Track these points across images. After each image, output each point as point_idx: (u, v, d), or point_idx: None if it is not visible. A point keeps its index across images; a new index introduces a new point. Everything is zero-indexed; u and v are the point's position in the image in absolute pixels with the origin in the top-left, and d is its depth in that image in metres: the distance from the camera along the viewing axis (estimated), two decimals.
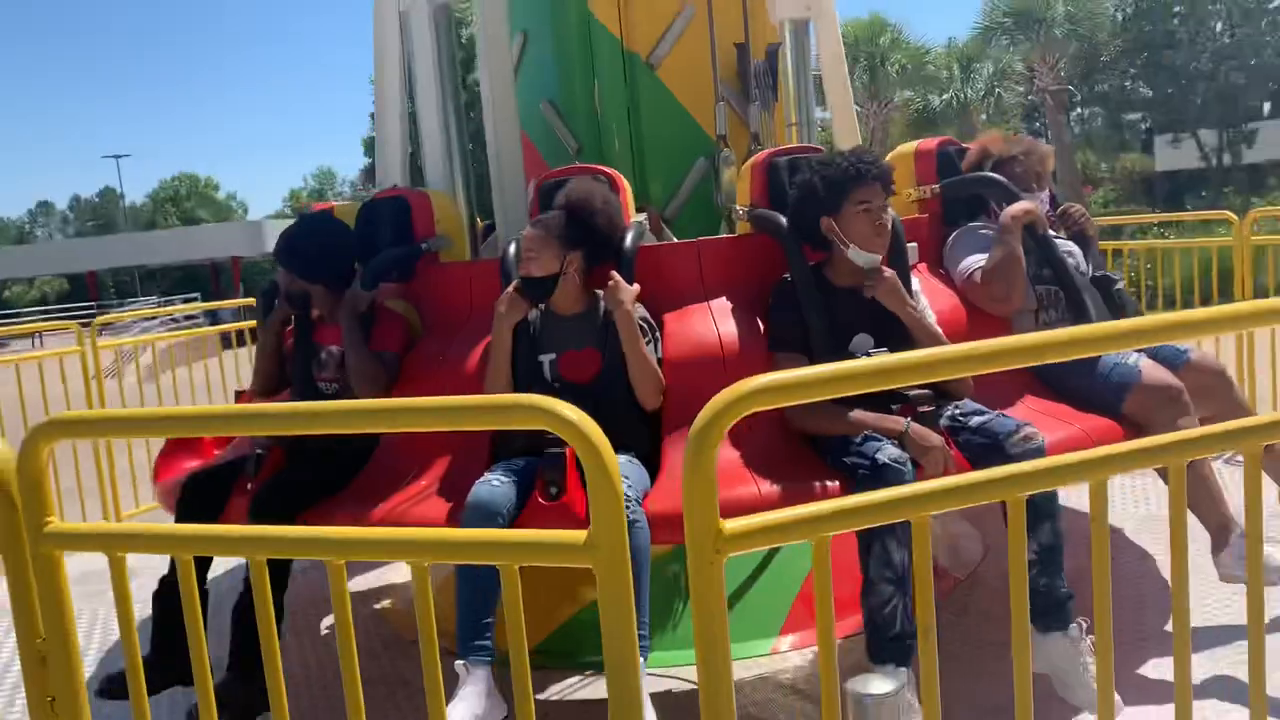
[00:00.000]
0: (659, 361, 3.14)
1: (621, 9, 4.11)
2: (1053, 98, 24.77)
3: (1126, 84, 32.22)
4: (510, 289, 3.16)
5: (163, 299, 37.64)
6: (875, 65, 26.37)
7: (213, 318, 18.66)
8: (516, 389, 3.15)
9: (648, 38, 4.14)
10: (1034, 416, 3.13)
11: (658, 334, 3.21)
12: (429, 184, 4.07)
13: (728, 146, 4.14)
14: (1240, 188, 25.94)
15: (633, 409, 3.11)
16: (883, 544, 2.73)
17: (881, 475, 2.71)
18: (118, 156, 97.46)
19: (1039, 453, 2.82)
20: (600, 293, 3.24)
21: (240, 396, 4.20)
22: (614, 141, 4.17)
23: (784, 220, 3.27)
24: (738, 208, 3.57)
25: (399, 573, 4.74)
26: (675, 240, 3.95)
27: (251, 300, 7.83)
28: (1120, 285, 3.61)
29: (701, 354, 3.17)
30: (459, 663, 2.74)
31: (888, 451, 2.79)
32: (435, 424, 1.37)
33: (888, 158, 3.75)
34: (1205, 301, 6.29)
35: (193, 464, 3.99)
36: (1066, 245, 3.65)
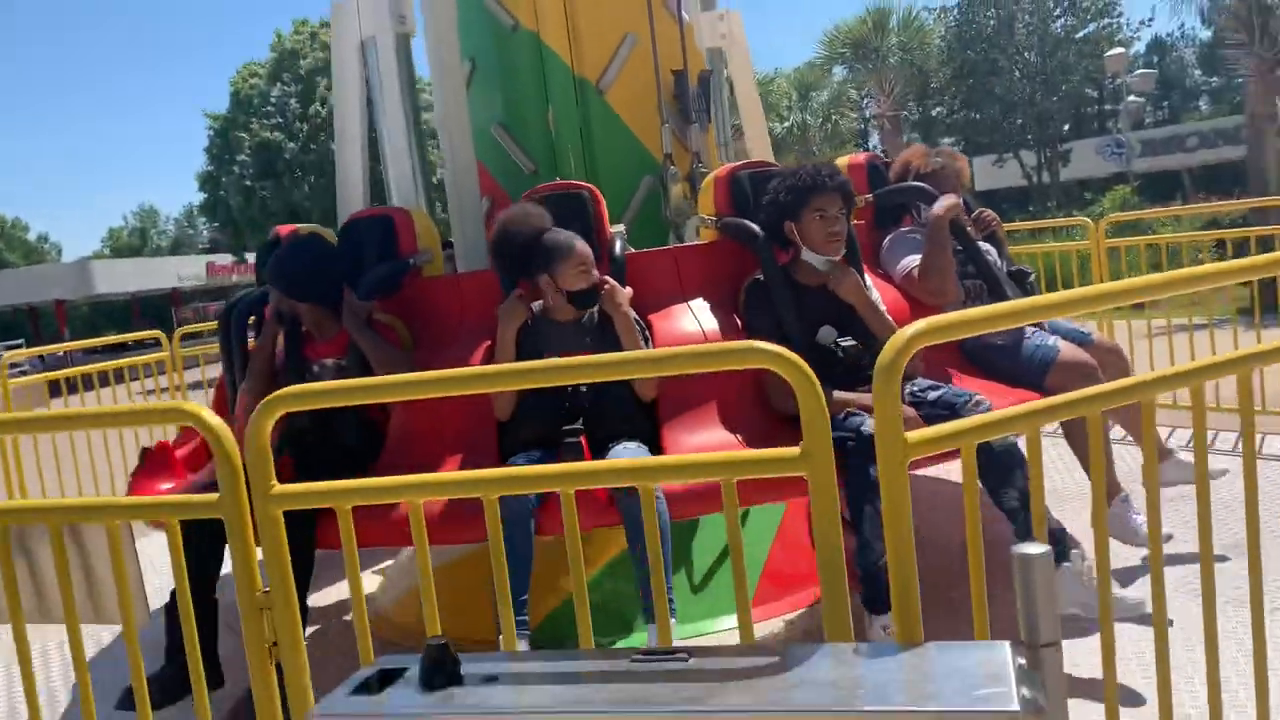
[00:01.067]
0: None
1: (571, 38, 4.41)
2: (890, 122, 26.37)
3: (954, 108, 34.49)
4: (513, 295, 3.40)
5: None
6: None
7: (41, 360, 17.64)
8: (524, 390, 3.38)
9: (596, 65, 4.45)
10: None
11: (649, 332, 3.50)
12: (396, 204, 4.25)
13: (674, 165, 4.49)
14: (1061, 202, 28.16)
15: (633, 402, 3.39)
16: (874, 506, 3.05)
17: (868, 443, 3.07)
18: None
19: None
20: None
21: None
22: (569, 162, 4.44)
23: (756, 227, 3.64)
24: (705, 217, 3.91)
25: (367, 584, 4.84)
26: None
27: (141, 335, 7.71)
28: (1033, 278, 4.14)
29: None
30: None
31: (870, 424, 3.17)
32: (677, 369, 1.65)
33: None
34: None
35: (166, 485, 4.04)
36: (985, 245, 4.15)
